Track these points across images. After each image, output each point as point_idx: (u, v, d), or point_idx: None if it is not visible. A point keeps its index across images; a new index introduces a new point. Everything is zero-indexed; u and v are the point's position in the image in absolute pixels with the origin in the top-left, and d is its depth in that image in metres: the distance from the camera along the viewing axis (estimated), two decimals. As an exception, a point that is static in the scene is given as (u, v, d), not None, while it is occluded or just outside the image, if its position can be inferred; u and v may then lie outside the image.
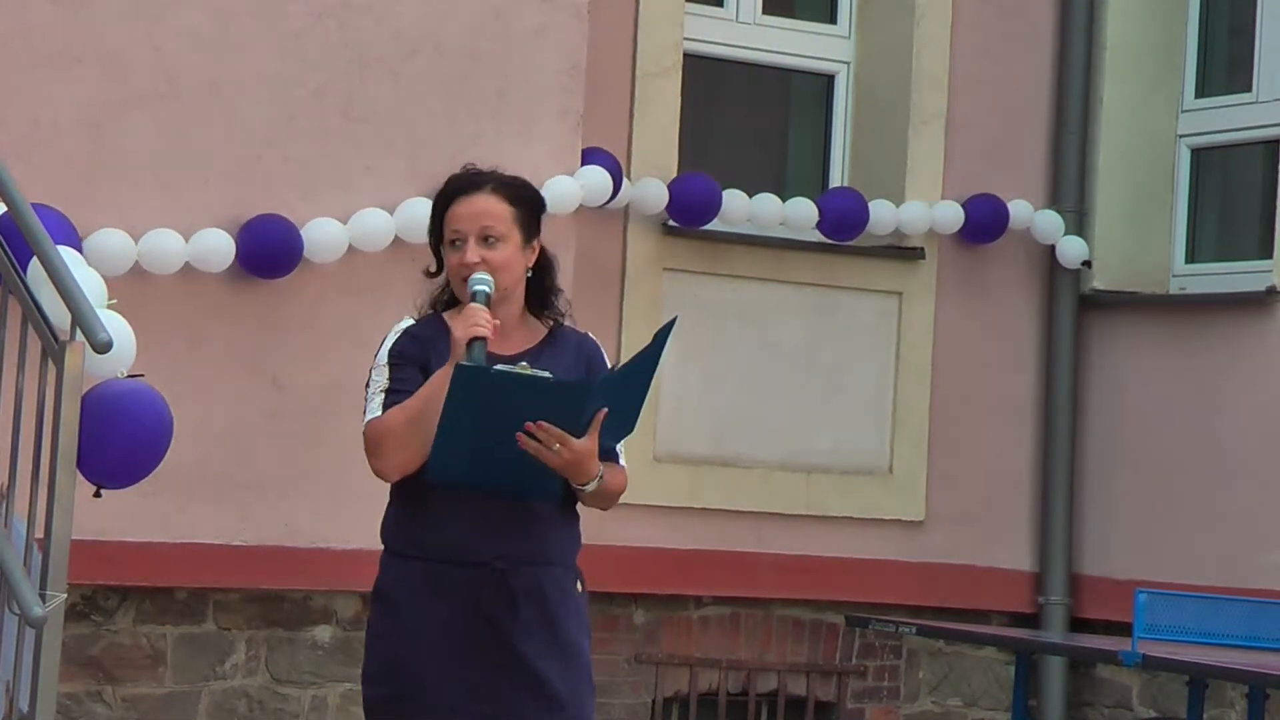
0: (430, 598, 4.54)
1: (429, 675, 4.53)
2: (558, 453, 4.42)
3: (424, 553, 4.57)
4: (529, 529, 4.56)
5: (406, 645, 4.56)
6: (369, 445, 4.62)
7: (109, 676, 7.06)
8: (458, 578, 4.53)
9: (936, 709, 8.62)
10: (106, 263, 6.50)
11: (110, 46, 6.79)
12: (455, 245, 4.62)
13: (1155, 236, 8.75)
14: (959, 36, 8.58)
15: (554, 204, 7.34)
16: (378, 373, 4.68)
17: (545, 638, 4.56)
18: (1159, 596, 6.48)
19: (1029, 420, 8.70)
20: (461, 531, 4.54)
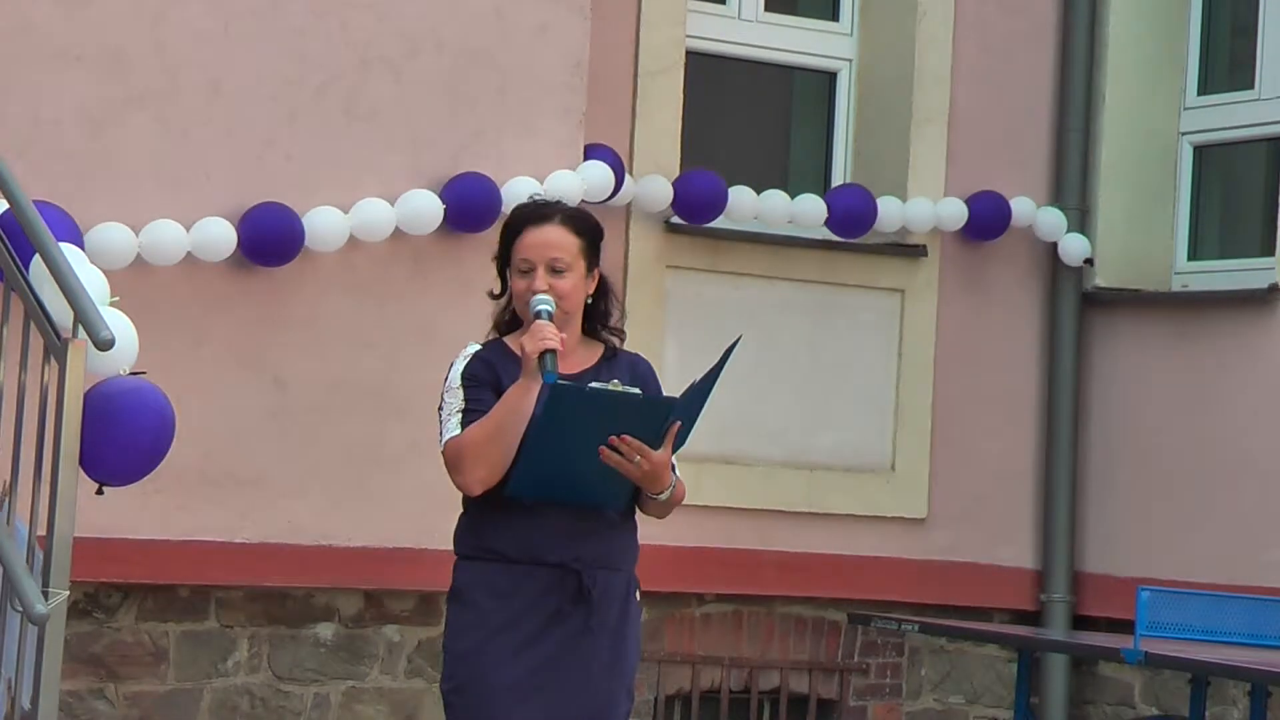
0: (510, 598, 4.87)
1: (506, 669, 4.84)
2: (638, 465, 4.77)
3: (504, 557, 4.89)
4: (601, 534, 4.93)
5: (488, 641, 4.87)
6: (450, 462, 4.91)
7: (111, 674, 7.06)
8: (538, 578, 4.86)
9: (939, 706, 8.62)
10: (108, 255, 6.51)
11: (111, 44, 6.79)
12: (524, 273, 4.95)
13: (1158, 234, 8.75)
14: (961, 34, 8.58)
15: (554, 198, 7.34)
16: (451, 395, 4.98)
17: (606, 640, 4.92)
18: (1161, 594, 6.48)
19: (1031, 417, 8.70)
20: (541, 536, 4.87)
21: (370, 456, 7.16)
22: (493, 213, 7.23)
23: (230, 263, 6.94)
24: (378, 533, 7.22)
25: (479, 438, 4.82)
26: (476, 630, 4.90)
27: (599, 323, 5.08)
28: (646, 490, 4.88)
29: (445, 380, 5.01)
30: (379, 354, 7.18)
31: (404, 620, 7.47)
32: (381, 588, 7.37)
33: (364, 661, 7.42)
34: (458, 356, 5.04)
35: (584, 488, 4.85)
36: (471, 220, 7.22)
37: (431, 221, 7.15)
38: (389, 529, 7.23)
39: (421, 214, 7.14)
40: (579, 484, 4.83)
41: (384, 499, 7.20)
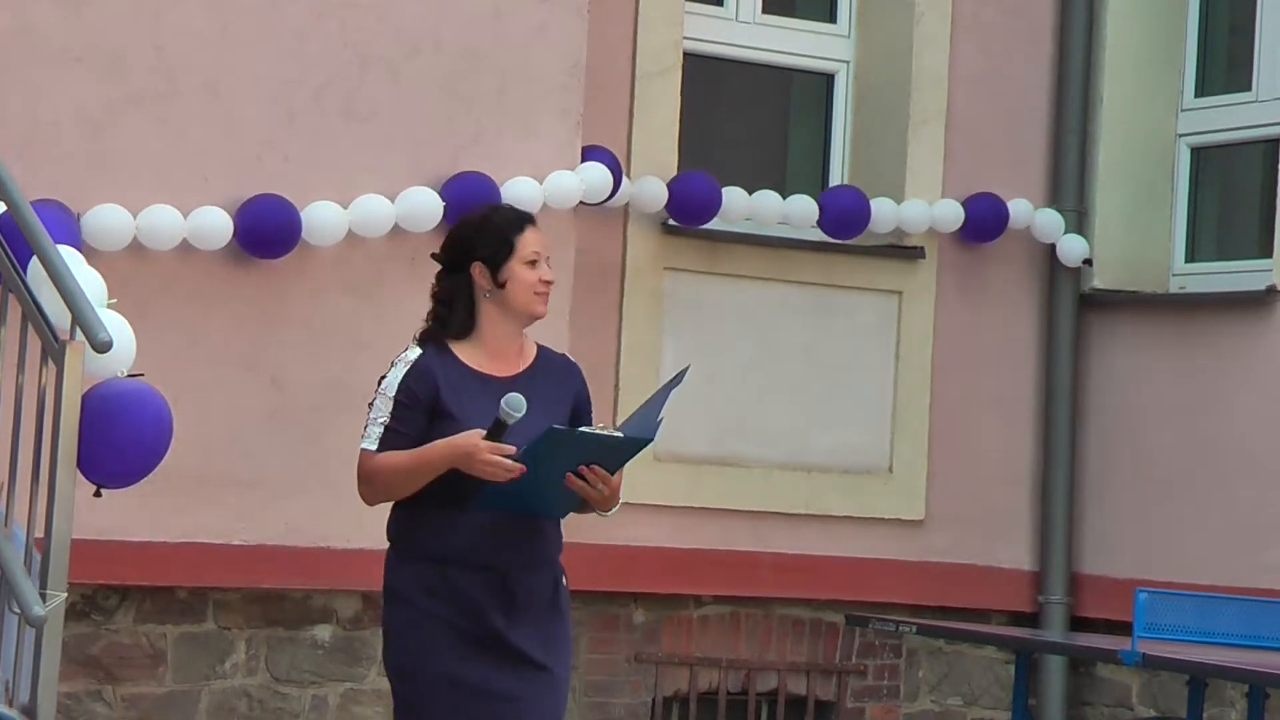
0: (439, 598, 5.08)
1: (443, 666, 5.06)
2: (599, 490, 5.04)
3: (433, 557, 5.11)
4: (526, 538, 5.12)
5: (421, 639, 5.08)
6: (360, 473, 5.19)
7: (109, 676, 7.06)
8: (464, 580, 5.06)
9: (936, 708, 8.62)
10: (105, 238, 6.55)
11: (110, 45, 6.79)
12: (533, 264, 5.20)
13: (1155, 235, 8.76)
14: (959, 35, 8.58)
15: (554, 199, 7.36)
16: (382, 401, 5.18)
17: (534, 631, 5.12)
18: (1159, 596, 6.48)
19: (1029, 419, 8.70)
20: (467, 540, 5.07)
21: (368, 458, 7.15)
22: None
23: (227, 263, 6.94)
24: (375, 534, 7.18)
25: (390, 473, 5.09)
26: (412, 630, 5.10)
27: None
28: (598, 509, 5.16)
29: (383, 379, 5.18)
30: (376, 354, 7.13)
31: (402, 622, 7.46)
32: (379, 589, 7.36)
33: (362, 663, 7.42)
34: (398, 358, 5.19)
35: (540, 504, 5.09)
36: None
37: (431, 219, 7.14)
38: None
39: (421, 211, 7.14)
40: (537, 501, 5.07)
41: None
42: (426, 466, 5.04)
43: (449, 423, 5.07)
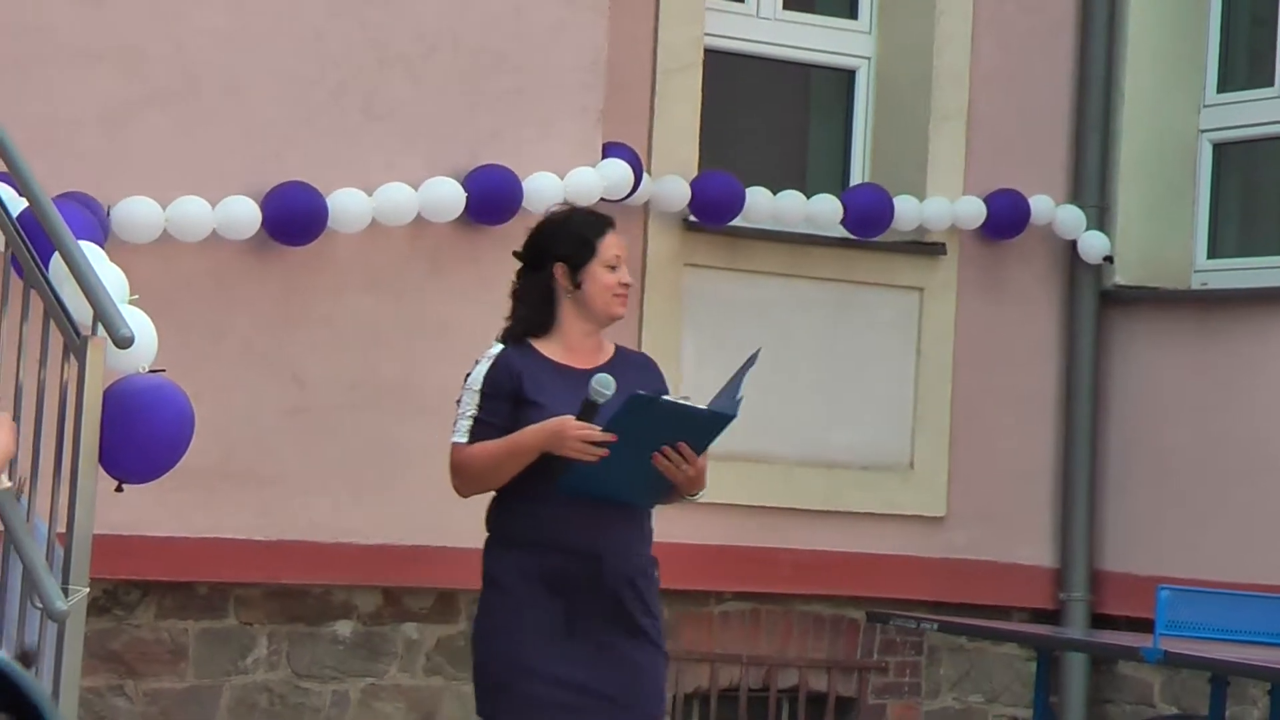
0: (535, 583, 5.18)
1: (536, 652, 5.16)
2: (684, 471, 5.12)
3: (529, 543, 5.22)
4: (620, 524, 5.24)
5: (516, 624, 5.18)
6: (452, 466, 5.33)
7: (131, 671, 7.07)
8: (559, 566, 5.17)
9: (958, 705, 8.61)
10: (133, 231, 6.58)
11: (130, 43, 6.81)
12: (614, 268, 5.37)
13: (1177, 232, 8.74)
14: (980, 32, 8.57)
15: (574, 195, 7.36)
16: (468, 395, 5.31)
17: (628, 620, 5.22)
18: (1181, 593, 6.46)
19: (1050, 416, 8.69)
20: (563, 527, 5.18)
21: (389, 454, 7.17)
22: (514, 206, 7.23)
23: (250, 260, 6.95)
24: (396, 530, 7.23)
25: (482, 466, 5.22)
26: (507, 615, 5.20)
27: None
28: (684, 492, 5.23)
29: (468, 376, 5.32)
30: (397, 352, 7.19)
31: (422, 618, 7.48)
32: (400, 585, 7.38)
33: (383, 659, 7.43)
34: (483, 355, 5.31)
35: (626, 489, 5.12)
36: (493, 212, 7.22)
37: (453, 209, 7.14)
38: (408, 527, 7.23)
39: (443, 201, 7.14)
40: (623, 485, 5.10)
41: (403, 497, 7.21)
42: (519, 451, 5.15)
43: (535, 410, 5.18)
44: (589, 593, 5.21)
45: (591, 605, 5.21)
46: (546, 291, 5.35)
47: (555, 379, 5.24)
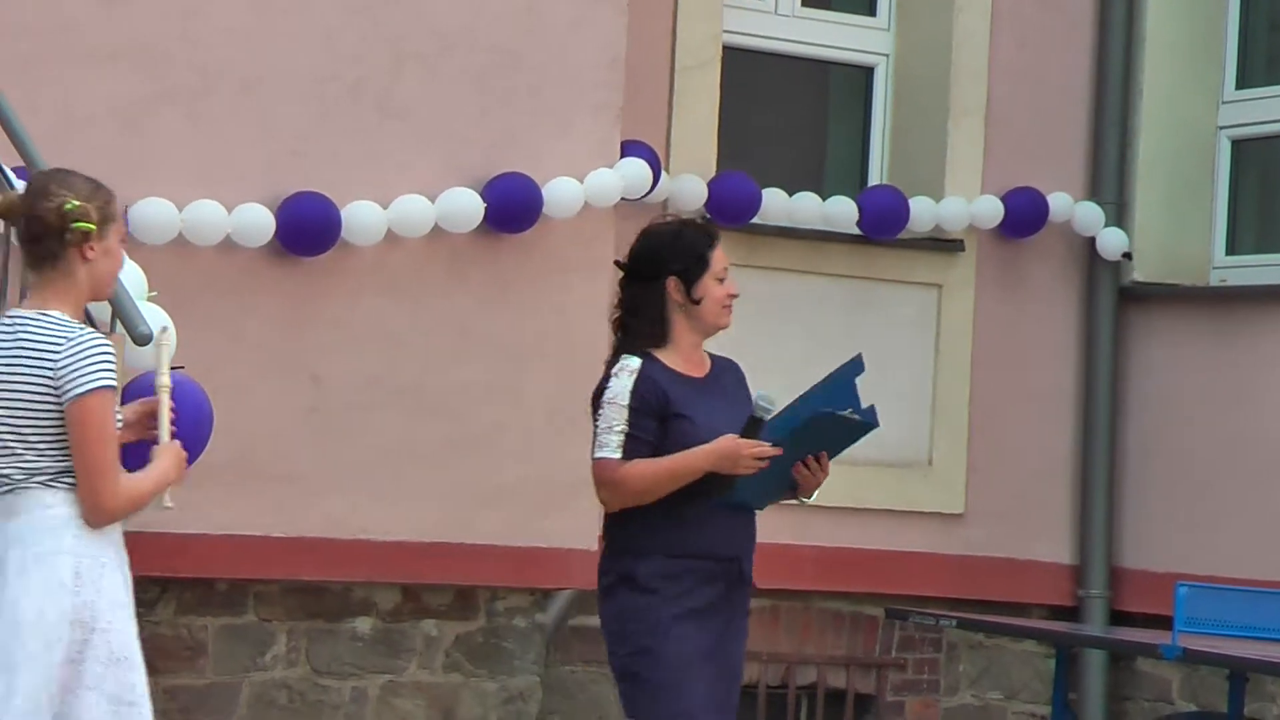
0: (680, 585, 5.30)
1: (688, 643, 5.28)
2: (819, 478, 5.35)
3: (671, 551, 5.32)
4: (743, 529, 5.43)
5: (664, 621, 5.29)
6: (601, 480, 5.34)
7: (150, 668, 7.00)
8: (705, 570, 5.32)
9: (976, 702, 8.60)
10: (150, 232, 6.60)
11: (146, 41, 6.81)
12: (723, 280, 5.46)
13: (1195, 228, 8.73)
14: (998, 29, 8.56)
15: (593, 197, 7.36)
16: (614, 411, 5.34)
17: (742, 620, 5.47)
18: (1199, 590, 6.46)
19: (1069, 413, 8.68)
20: (704, 533, 5.33)
21: (407, 451, 7.18)
22: (533, 213, 7.22)
23: (268, 260, 6.96)
24: (415, 527, 7.23)
25: (647, 483, 5.27)
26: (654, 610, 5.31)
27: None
28: (804, 494, 5.41)
29: (605, 388, 5.36)
30: (415, 352, 7.20)
31: (441, 614, 7.49)
32: (419, 582, 7.39)
33: (402, 655, 7.44)
34: (619, 369, 5.36)
35: (755, 494, 5.31)
36: (512, 220, 7.22)
37: (472, 220, 7.15)
38: (426, 523, 7.24)
39: (462, 212, 7.15)
40: (757, 491, 5.28)
41: (420, 494, 7.21)
42: (686, 472, 5.25)
43: (684, 424, 5.30)
44: (728, 592, 5.39)
45: (729, 608, 5.41)
46: (658, 304, 5.43)
47: (687, 391, 5.36)
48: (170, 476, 4.71)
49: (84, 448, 4.50)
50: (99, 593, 4.57)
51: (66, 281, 4.59)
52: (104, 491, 4.53)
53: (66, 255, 4.58)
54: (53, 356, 4.52)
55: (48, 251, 4.58)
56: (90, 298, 4.68)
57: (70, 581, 4.52)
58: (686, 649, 5.29)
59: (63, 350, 4.52)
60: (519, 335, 7.29)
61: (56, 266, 4.59)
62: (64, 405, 4.50)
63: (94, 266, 4.60)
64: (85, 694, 4.54)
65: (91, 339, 4.52)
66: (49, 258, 4.59)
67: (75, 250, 4.58)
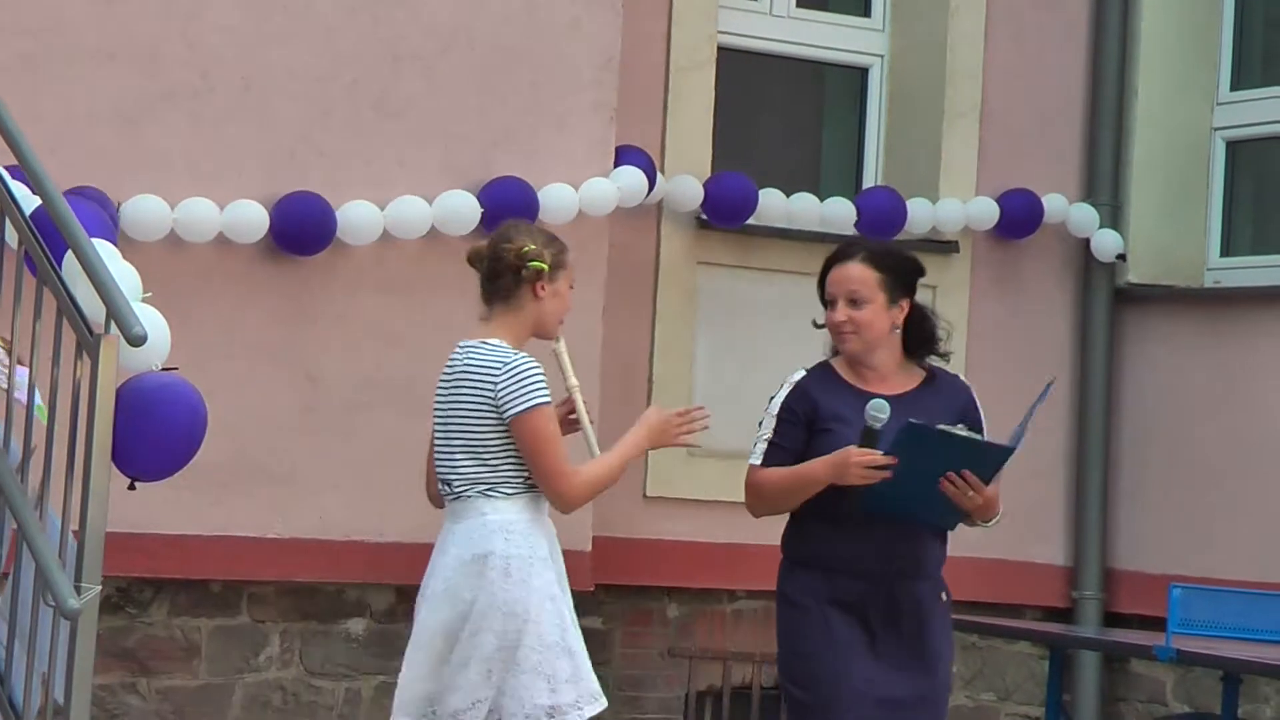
0: (829, 603, 5.34)
1: (839, 665, 5.30)
2: (971, 499, 5.25)
3: (822, 566, 5.37)
4: (908, 548, 5.37)
5: (816, 641, 5.34)
6: (746, 486, 5.48)
7: (144, 668, 7.08)
8: (851, 588, 5.33)
9: (970, 703, 8.60)
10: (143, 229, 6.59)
11: (144, 41, 6.81)
12: (830, 304, 5.43)
13: (1190, 230, 8.73)
14: (993, 30, 8.56)
15: (589, 205, 7.37)
16: (768, 420, 5.47)
17: (915, 644, 5.37)
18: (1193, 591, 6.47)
19: (1063, 414, 8.68)
20: (852, 550, 5.34)
21: (401, 452, 7.16)
22: (529, 216, 7.22)
23: (263, 259, 6.96)
24: (409, 528, 7.22)
25: (772, 492, 5.39)
26: (807, 633, 5.37)
27: (918, 348, 5.51)
28: (976, 518, 5.39)
29: (771, 399, 5.50)
30: (410, 351, 7.19)
31: (435, 616, 7.47)
32: (413, 583, 7.34)
33: (395, 656, 7.39)
34: (784, 380, 5.49)
35: (920, 509, 5.29)
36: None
37: (468, 223, 7.15)
38: (420, 524, 7.21)
39: (459, 214, 7.15)
40: (916, 505, 5.26)
41: (414, 494, 7.18)
42: (807, 482, 5.31)
43: (826, 435, 5.34)
44: (883, 614, 5.35)
45: (887, 627, 5.35)
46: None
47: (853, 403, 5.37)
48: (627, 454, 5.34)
49: (535, 456, 5.21)
50: (529, 589, 5.18)
51: (515, 316, 5.31)
52: (562, 487, 5.22)
53: (519, 292, 5.30)
54: (492, 379, 5.21)
55: (503, 288, 5.30)
56: (534, 333, 5.33)
57: (500, 580, 5.16)
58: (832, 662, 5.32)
59: (501, 374, 5.21)
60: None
61: (509, 302, 5.31)
62: (506, 422, 5.20)
63: (542, 305, 5.31)
64: (522, 675, 5.17)
65: (525, 362, 5.22)
66: (503, 293, 5.31)
67: (528, 288, 5.29)
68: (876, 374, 5.43)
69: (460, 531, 5.27)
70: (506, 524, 5.22)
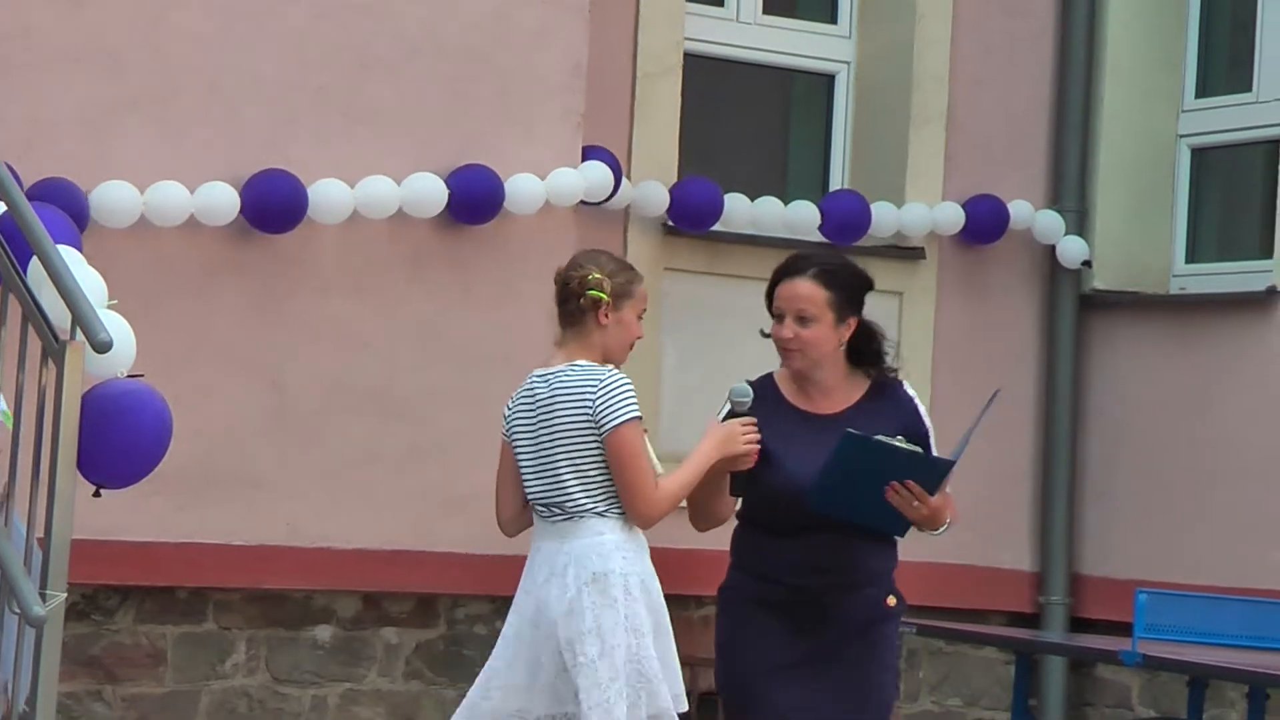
0: (760, 608, 5.34)
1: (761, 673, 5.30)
2: (916, 508, 5.22)
3: (757, 574, 5.37)
4: (840, 559, 5.33)
5: (744, 646, 5.36)
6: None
7: (109, 676, 7.06)
8: (783, 596, 5.31)
9: (937, 709, 8.62)
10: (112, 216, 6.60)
11: (110, 47, 6.79)
12: (778, 319, 5.39)
13: (1156, 236, 8.76)
14: (960, 36, 8.58)
15: (556, 196, 7.37)
16: None
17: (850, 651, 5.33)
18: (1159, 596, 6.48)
19: (1030, 420, 8.70)
20: (785, 561, 5.32)
21: (369, 459, 7.16)
22: (495, 205, 7.24)
23: (228, 263, 6.95)
24: (376, 535, 7.22)
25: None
26: (736, 635, 5.39)
27: (866, 363, 5.46)
28: (923, 528, 5.34)
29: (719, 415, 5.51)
30: (377, 356, 7.19)
31: (402, 622, 7.48)
32: (380, 590, 7.38)
33: (362, 663, 7.42)
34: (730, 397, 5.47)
35: (869, 517, 5.28)
36: (474, 210, 7.23)
37: (435, 205, 7.14)
38: (387, 531, 7.23)
39: (426, 197, 7.15)
40: (867, 513, 5.27)
41: (382, 501, 7.20)
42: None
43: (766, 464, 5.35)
44: (811, 624, 5.33)
45: (815, 637, 5.34)
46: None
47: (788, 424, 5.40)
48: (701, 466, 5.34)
49: (624, 471, 5.31)
50: (648, 605, 5.39)
51: (585, 341, 5.39)
52: (648, 501, 5.34)
53: (585, 319, 5.38)
54: (590, 397, 5.30)
55: (571, 313, 5.39)
56: (603, 359, 5.40)
57: (622, 597, 5.33)
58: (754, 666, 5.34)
59: (597, 390, 5.31)
60: (481, 340, 7.28)
61: (577, 327, 5.39)
62: (603, 436, 5.29)
63: (606, 331, 5.38)
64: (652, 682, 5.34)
65: (618, 379, 5.33)
66: (571, 318, 5.40)
67: (592, 315, 5.36)
68: (820, 389, 5.41)
69: (576, 551, 5.34)
70: (622, 543, 5.37)
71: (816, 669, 5.34)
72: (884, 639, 5.42)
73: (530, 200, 7.32)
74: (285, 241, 7.03)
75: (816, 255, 5.56)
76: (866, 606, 5.38)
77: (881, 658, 5.41)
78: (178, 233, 6.86)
